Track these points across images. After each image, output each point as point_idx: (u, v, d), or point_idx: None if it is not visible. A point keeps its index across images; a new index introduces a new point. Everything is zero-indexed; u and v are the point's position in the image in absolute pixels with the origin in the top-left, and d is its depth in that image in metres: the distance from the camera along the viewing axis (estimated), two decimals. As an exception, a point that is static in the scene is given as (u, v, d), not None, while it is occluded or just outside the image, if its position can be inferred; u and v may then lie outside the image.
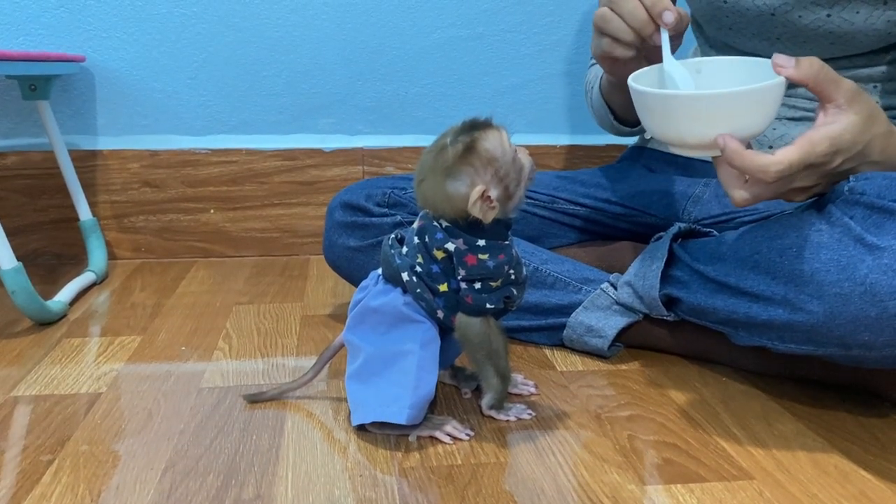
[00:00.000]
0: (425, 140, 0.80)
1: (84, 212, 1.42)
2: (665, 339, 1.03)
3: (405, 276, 0.80)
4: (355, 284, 1.14)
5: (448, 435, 0.81)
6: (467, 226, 0.77)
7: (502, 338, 0.82)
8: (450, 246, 0.78)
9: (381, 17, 1.50)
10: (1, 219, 1.25)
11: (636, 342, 1.04)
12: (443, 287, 0.79)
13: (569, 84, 1.57)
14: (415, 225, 0.82)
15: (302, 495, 0.71)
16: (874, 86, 1.01)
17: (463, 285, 0.79)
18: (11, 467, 0.76)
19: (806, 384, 0.95)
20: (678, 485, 0.73)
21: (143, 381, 0.95)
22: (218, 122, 1.51)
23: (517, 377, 0.93)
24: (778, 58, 0.74)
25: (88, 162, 1.47)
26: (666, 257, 0.97)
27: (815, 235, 0.79)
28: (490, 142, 0.76)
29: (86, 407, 0.88)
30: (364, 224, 1.09)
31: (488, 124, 0.77)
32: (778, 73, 0.73)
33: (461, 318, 0.80)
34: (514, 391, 0.92)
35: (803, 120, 1.05)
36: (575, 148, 1.59)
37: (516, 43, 1.54)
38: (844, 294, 0.75)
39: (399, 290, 0.81)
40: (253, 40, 1.48)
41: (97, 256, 1.41)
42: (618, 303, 1.01)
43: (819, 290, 0.77)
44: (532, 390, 0.92)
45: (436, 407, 0.88)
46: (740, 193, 0.77)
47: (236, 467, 0.75)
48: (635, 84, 0.79)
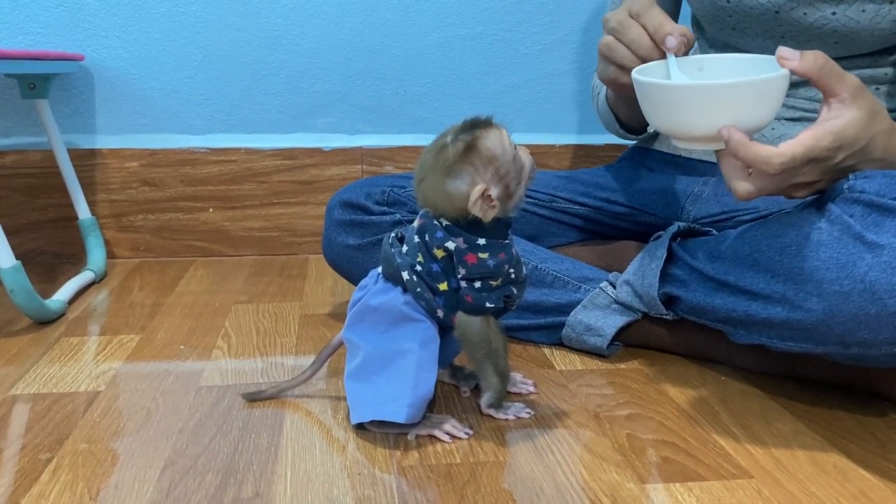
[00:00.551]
0: (425, 139, 0.80)
1: (83, 211, 1.42)
2: (664, 338, 1.03)
3: (405, 275, 0.80)
4: (354, 283, 1.13)
5: (447, 433, 0.81)
6: (468, 225, 0.77)
7: (502, 337, 0.82)
8: (450, 245, 0.78)
9: (381, 17, 1.50)
10: (0, 218, 1.24)
11: (635, 341, 1.04)
12: (443, 286, 0.79)
13: (568, 83, 1.57)
14: (415, 224, 0.82)
15: (301, 494, 0.71)
16: (876, 88, 1.01)
17: (463, 284, 0.79)
18: (10, 466, 0.76)
19: (805, 383, 0.95)
20: (677, 483, 0.73)
21: (142, 380, 0.95)
22: (217, 121, 1.50)
23: (516, 376, 0.93)
24: (783, 50, 0.74)
25: (87, 161, 1.47)
26: (665, 256, 0.96)
27: (815, 233, 0.79)
28: (491, 140, 0.75)
29: (84, 405, 0.88)
30: (363, 222, 1.09)
31: (489, 123, 0.77)
32: (782, 66, 0.73)
33: (461, 317, 0.80)
34: (514, 390, 0.92)
35: (802, 120, 1.05)
36: (574, 147, 1.59)
37: (516, 42, 1.54)
38: (844, 292, 0.75)
39: (399, 289, 0.81)
40: (252, 39, 1.48)
41: (96, 255, 1.41)
42: (617, 302, 1.01)
43: (818, 288, 0.77)
44: (531, 389, 0.92)
45: (435, 405, 0.88)
46: (743, 186, 0.77)
47: (235, 466, 0.75)
48: (640, 77, 0.78)
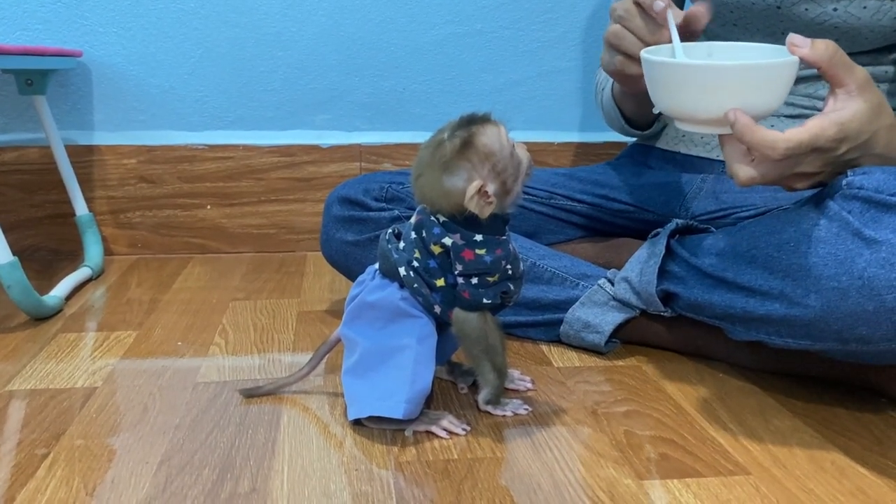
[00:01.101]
0: (423, 136, 0.79)
1: (80, 207, 1.41)
2: (662, 335, 1.03)
3: (402, 271, 0.80)
4: (352, 279, 1.13)
5: (444, 430, 0.81)
6: (465, 221, 0.77)
7: (499, 333, 0.82)
8: (447, 241, 0.77)
9: (379, 14, 1.50)
10: (-3, 213, 1.24)
11: (633, 338, 1.04)
12: (440, 282, 0.79)
13: (568, 81, 1.57)
14: (412, 220, 0.82)
15: (297, 489, 0.71)
16: (877, 86, 1.01)
17: (460, 280, 0.79)
18: (6, 461, 0.75)
19: (803, 380, 0.95)
20: (674, 480, 0.73)
21: (139, 376, 0.95)
22: (215, 118, 1.50)
23: (514, 373, 0.93)
24: (794, 37, 0.73)
25: (85, 157, 1.47)
26: (663, 253, 0.96)
27: (813, 230, 0.79)
28: (488, 136, 0.75)
29: (81, 401, 0.88)
30: (362, 218, 1.09)
31: (486, 119, 0.77)
32: (793, 53, 0.72)
33: (458, 314, 0.80)
34: (511, 387, 0.92)
35: (800, 118, 1.05)
36: (573, 145, 1.59)
37: (514, 40, 1.54)
38: (842, 288, 0.75)
39: (396, 285, 0.81)
40: (250, 36, 1.47)
41: (93, 252, 1.41)
42: (615, 298, 1.01)
43: (817, 285, 0.77)
44: (529, 386, 0.92)
45: (432, 402, 0.88)
46: (745, 171, 0.76)
47: (232, 461, 0.75)
48: (650, 55, 0.77)
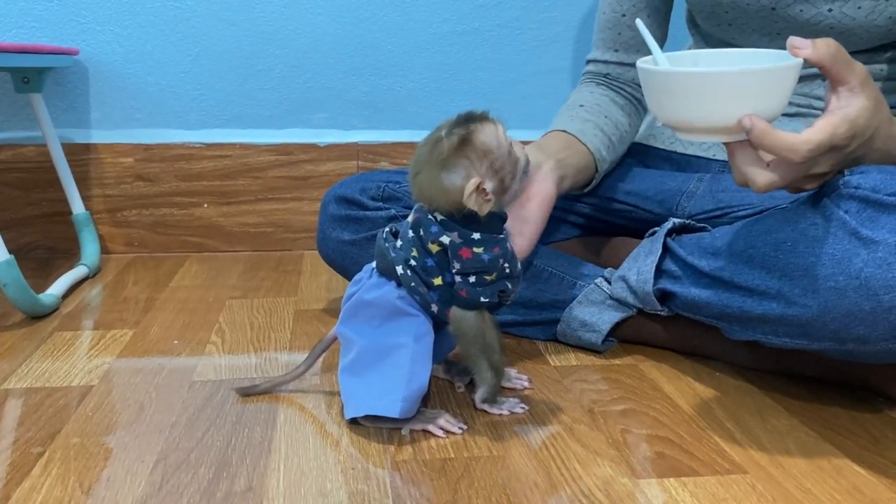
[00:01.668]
0: (420, 135, 0.79)
1: (77, 205, 1.41)
2: (659, 334, 1.03)
3: (399, 270, 0.80)
4: (349, 278, 1.13)
5: (441, 428, 0.80)
6: (463, 219, 0.77)
7: (496, 332, 0.82)
8: (444, 239, 0.77)
9: (376, 12, 1.50)
10: (-7, 212, 1.24)
11: (630, 337, 1.04)
12: (437, 281, 0.79)
13: (565, 80, 1.57)
14: (409, 218, 0.82)
15: (294, 488, 0.71)
16: (873, 81, 1.01)
17: (458, 279, 0.78)
18: (2, 460, 0.75)
19: (799, 379, 0.95)
20: (671, 478, 0.73)
21: (135, 375, 0.95)
22: (212, 117, 1.50)
23: (511, 371, 0.93)
24: (794, 40, 0.72)
25: (81, 155, 1.47)
26: (660, 252, 0.96)
27: (811, 229, 0.79)
28: (486, 134, 0.75)
29: (77, 400, 0.88)
30: (358, 218, 1.09)
31: (484, 117, 0.77)
32: (795, 55, 0.71)
33: (455, 312, 0.80)
34: (508, 385, 0.92)
35: (798, 116, 1.05)
36: (570, 144, 1.59)
37: (512, 38, 1.54)
38: (839, 288, 0.75)
39: (393, 284, 0.81)
40: (247, 34, 1.47)
41: (90, 250, 1.40)
42: (612, 297, 1.01)
43: (814, 284, 0.77)
44: (525, 385, 0.92)
45: (429, 400, 0.88)
46: (764, 176, 0.73)
47: (228, 460, 0.75)
48: (653, 67, 0.75)
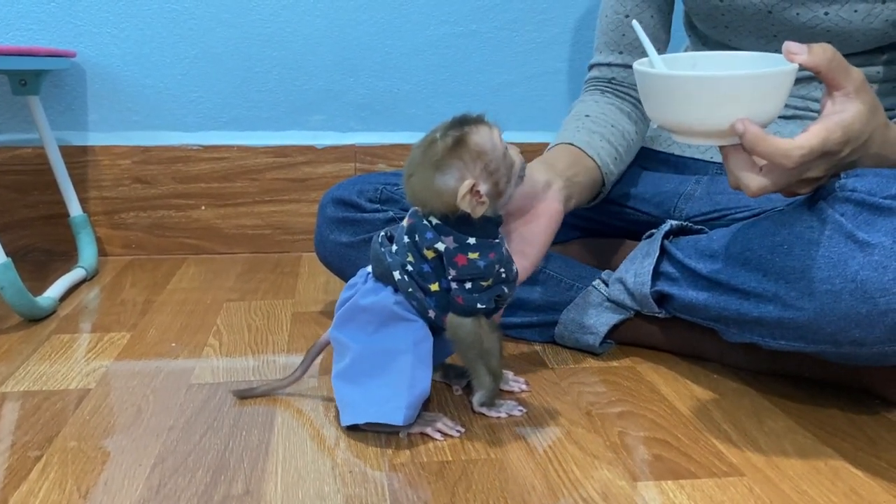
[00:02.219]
0: (418, 137, 0.79)
1: (74, 208, 1.41)
2: (656, 336, 1.03)
3: (397, 275, 0.79)
4: (347, 280, 1.13)
5: (439, 431, 0.80)
6: (457, 222, 0.77)
7: (494, 336, 0.81)
8: (439, 246, 0.77)
9: (374, 14, 1.50)
10: (-10, 214, 1.24)
11: (627, 339, 1.04)
12: (434, 286, 0.79)
13: (562, 82, 1.57)
14: (404, 222, 0.81)
15: (291, 491, 0.71)
16: (869, 86, 1.01)
17: (454, 285, 0.78)
18: (-1, 463, 0.75)
19: (797, 381, 0.95)
20: (668, 481, 0.73)
21: (133, 378, 0.95)
22: (209, 119, 1.50)
23: (508, 374, 0.93)
24: (790, 45, 0.72)
25: (79, 158, 1.47)
26: (658, 254, 0.96)
27: (807, 232, 0.79)
28: (480, 136, 0.75)
29: (75, 403, 0.88)
30: (356, 220, 1.09)
31: (479, 120, 0.77)
32: (791, 60, 0.71)
33: (452, 318, 0.80)
34: (506, 388, 0.92)
35: (794, 118, 1.05)
36: (567, 145, 1.59)
37: (509, 40, 1.54)
38: (835, 291, 0.75)
39: (390, 289, 0.80)
40: (245, 36, 1.47)
41: (87, 253, 1.40)
42: (609, 300, 1.01)
43: (810, 287, 0.77)
44: (523, 387, 0.92)
45: (427, 404, 0.88)
46: (757, 181, 0.74)
47: (225, 463, 0.75)
48: (649, 69, 0.75)
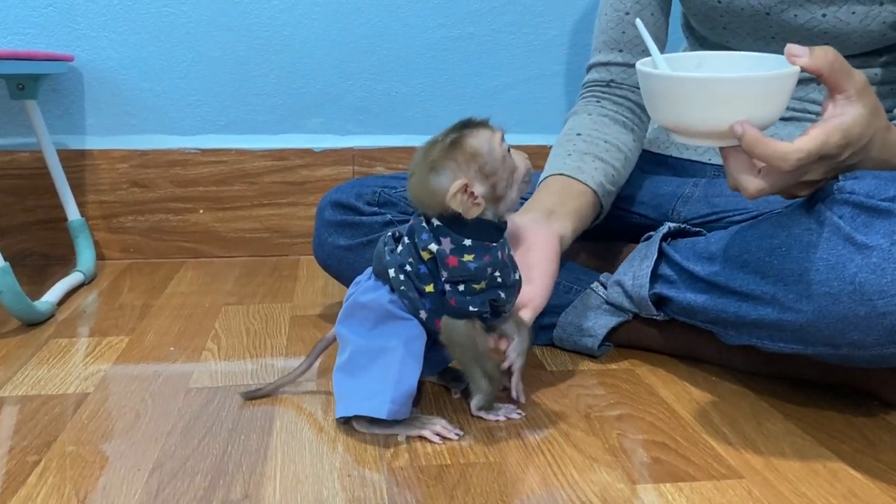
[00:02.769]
0: (416, 140, 0.80)
1: (72, 212, 1.41)
2: (655, 339, 1.03)
3: (391, 273, 0.80)
4: (345, 284, 1.13)
5: (437, 435, 0.80)
6: (454, 223, 0.77)
7: (489, 339, 0.82)
8: (433, 247, 0.77)
9: (372, 17, 1.50)
10: (-12, 219, 1.24)
11: (626, 341, 1.04)
12: (429, 288, 0.79)
13: (559, 84, 1.57)
14: (409, 224, 0.82)
15: (290, 495, 0.70)
16: (871, 88, 1.01)
17: (447, 287, 0.78)
18: (-3, 468, 0.75)
19: (795, 383, 0.95)
20: (667, 484, 0.73)
21: (131, 382, 0.95)
22: (207, 122, 1.50)
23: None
24: (792, 47, 0.72)
25: (77, 162, 1.47)
26: (656, 257, 0.97)
27: (805, 235, 0.79)
28: (477, 139, 0.76)
29: (73, 407, 0.88)
30: (354, 223, 1.09)
31: (481, 123, 0.77)
32: (793, 63, 0.71)
33: (446, 321, 0.80)
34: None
35: (793, 120, 1.05)
36: (565, 148, 1.59)
37: (507, 43, 1.54)
38: (834, 293, 0.75)
39: (386, 288, 0.81)
40: (243, 40, 1.47)
41: (85, 257, 1.40)
42: (608, 302, 1.01)
43: (808, 290, 0.77)
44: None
45: (425, 407, 0.88)
46: (754, 183, 0.74)
47: (224, 467, 0.75)
48: (652, 70, 0.75)
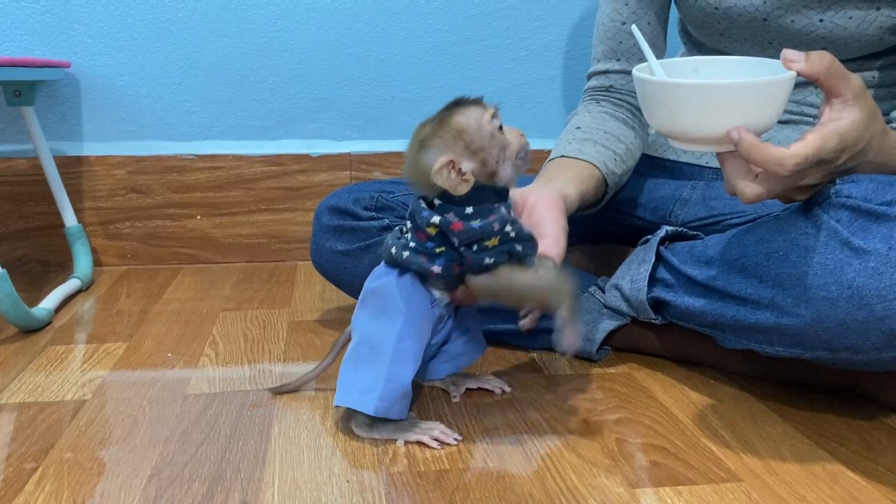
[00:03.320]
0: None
1: (69, 218, 1.41)
2: (653, 342, 1.03)
3: (394, 251, 0.79)
4: (343, 289, 1.13)
5: (436, 440, 0.80)
6: (447, 197, 0.76)
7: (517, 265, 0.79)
8: (436, 219, 0.76)
9: (368, 22, 1.50)
10: (-15, 225, 1.24)
11: (624, 345, 1.04)
12: (440, 249, 0.78)
13: (556, 89, 1.57)
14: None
15: (288, 501, 0.70)
16: (868, 92, 1.01)
17: (462, 250, 0.77)
18: (-6, 476, 0.75)
19: (793, 386, 0.95)
20: (666, 487, 0.73)
21: (129, 388, 0.95)
22: (204, 128, 1.50)
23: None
24: (788, 53, 0.72)
25: (74, 168, 1.46)
26: (653, 260, 0.97)
27: (802, 239, 0.79)
28: (464, 116, 0.76)
29: (70, 414, 0.88)
30: (351, 228, 1.09)
31: (473, 102, 0.77)
32: (789, 68, 0.71)
33: (470, 280, 0.79)
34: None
35: (790, 123, 1.05)
36: (562, 152, 1.59)
37: (503, 48, 1.54)
38: (831, 298, 0.75)
39: (395, 273, 0.80)
40: (239, 46, 1.47)
41: (83, 263, 1.40)
42: (606, 306, 1.01)
43: (806, 294, 0.77)
44: (506, 389, 0.93)
45: (423, 411, 0.88)
46: (751, 188, 0.74)
47: (222, 474, 0.75)
48: (648, 76, 0.75)
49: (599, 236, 1.20)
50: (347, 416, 0.84)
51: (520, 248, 0.79)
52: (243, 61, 1.48)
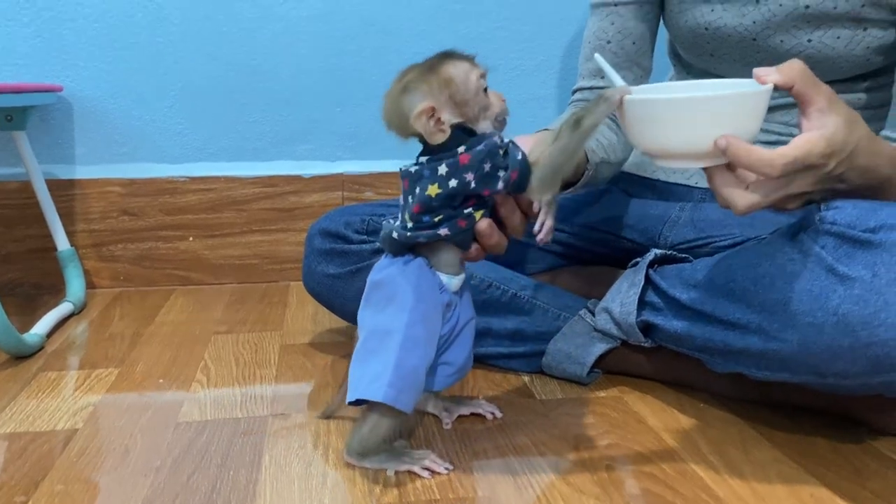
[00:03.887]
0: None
1: (62, 242, 1.41)
2: (643, 365, 1.03)
3: (396, 233, 0.79)
4: (335, 312, 1.14)
5: (426, 469, 0.80)
6: (430, 146, 0.76)
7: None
8: (442, 169, 0.75)
9: (360, 43, 1.50)
10: (-23, 251, 1.23)
11: (614, 368, 1.05)
12: (438, 218, 0.77)
13: (549, 108, 1.58)
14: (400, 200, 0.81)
15: (279, 533, 0.70)
16: (840, 98, 1.02)
17: (474, 186, 0.76)
18: (-15, 509, 0.75)
19: (783, 409, 0.95)
20: (656, 516, 0.73)
21: (121, 416, 0.95)
22: (196, 150, 1.50)
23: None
24: (759, 70, 0.73)
25: (66, 191, 1.47)
26: (642, 284, 0.97)
27: (789, 265, 0.80)
28: (455, 67, 0.76)
29: (62, 444, 0.88)
30: (343, 251, 1.09)
31: (464, 56, 0.78)
32: (762, 83, 0.72)
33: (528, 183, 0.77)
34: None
35: (777, 143, 1.05)
36: (554, 171, 1.60)
37: (495, 67, 1.54)
38: (817, 324, 0.75)
39: (399, 262, 0.80)
40: (231, 68, 1.48)
41: (75, 286, 1.40)
42: (596, 329, 1.02)
43: (793, 320, 0.78)
44: (497, 414, 0.93)
45: (414, 439, 0.88)
46: (745, 197, 0.73)
47: (213, 505, 0.75)
48: (635, 96, 0.75)
49: (589, 258, 1.20)
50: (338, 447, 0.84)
51: (519, 156, 0.77)
52: (235, 83, 1.48)
